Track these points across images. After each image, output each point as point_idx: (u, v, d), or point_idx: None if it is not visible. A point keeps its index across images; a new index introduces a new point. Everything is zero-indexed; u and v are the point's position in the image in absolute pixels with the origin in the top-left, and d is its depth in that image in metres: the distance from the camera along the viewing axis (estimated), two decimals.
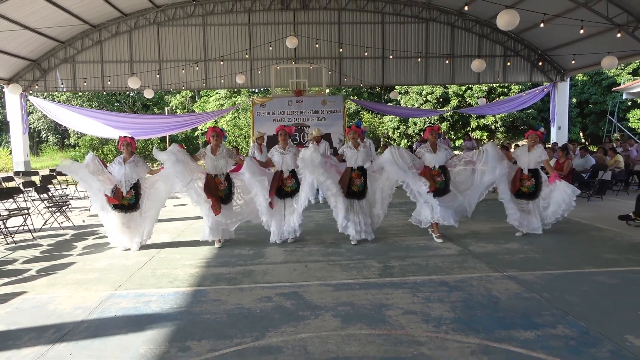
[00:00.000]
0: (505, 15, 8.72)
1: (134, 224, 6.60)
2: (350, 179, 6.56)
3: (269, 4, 16.98)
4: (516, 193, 6.81)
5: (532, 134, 6.86)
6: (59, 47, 16.67)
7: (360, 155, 6.57)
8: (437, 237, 6.66)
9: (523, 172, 6.82)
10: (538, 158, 6.73)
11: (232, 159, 6.82)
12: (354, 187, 6.56)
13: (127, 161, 6.58)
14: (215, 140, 6.66)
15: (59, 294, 4.74)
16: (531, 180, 6.75)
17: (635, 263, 5.43)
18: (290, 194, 6.76)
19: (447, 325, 3.73)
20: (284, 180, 6.71)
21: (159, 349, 3.44)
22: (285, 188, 6.72)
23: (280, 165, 6.74)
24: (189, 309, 4.26)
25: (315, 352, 3.34)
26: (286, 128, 6.86)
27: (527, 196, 6.78)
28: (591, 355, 3.21)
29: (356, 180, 6.57)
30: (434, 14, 17.46)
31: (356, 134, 6.65)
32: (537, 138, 6.82)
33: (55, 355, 3.40)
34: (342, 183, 6.58)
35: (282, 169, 6.74)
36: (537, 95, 18.85)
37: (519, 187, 6.80)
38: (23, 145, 16.66)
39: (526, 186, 6.77)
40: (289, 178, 6.71)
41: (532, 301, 4.24)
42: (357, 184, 6.56)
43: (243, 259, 6.00)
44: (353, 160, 6.59)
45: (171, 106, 33.41)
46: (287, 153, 6.75)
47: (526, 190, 6.77)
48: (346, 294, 4.54)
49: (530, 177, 6.77)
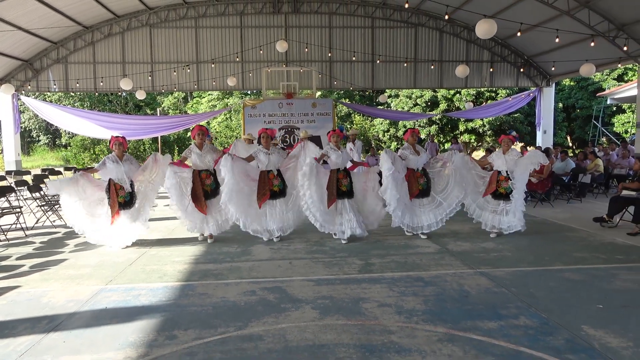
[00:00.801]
0: (483, 25, 9.09)
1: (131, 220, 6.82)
2: (338, 179, 6.88)
3: (261, 7, 17.23)
4: (493, 194, 7.11)
5: (505, 139, 7.24)
6: (51, 48, 16.79)
7: (344, 156, 6.97)
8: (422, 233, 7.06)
9: (500, 174, 7.13)
10: (513, 160, 7.04)
11: (215, 153, 7.14)
12: (342, 187, 6.89)
13: (122, 159, 6.81)
14: (199, 138, 7.01)
15: (52, 288, 4.95)
16: (508, 182, 7.05)
17: (602, 261, 5.74)
18: (278, 194, 7.01)
19: (418, 317, 4.00)
20: (272, 180, 6.97)
21: (147, 338, 3.67)
22: (273, 187, 6.98)
23: (265, 165, 7.00)
24: (176, 301, 4.49)
25: (294, 340, 3.59)
26: (268, 131, 7.16)
27: (503, 197, 7.08)
28: (547, 343, 3.48)
29: (343, 180, 6.91)
30: (423, 19, 17.79)
31: (338, 137, 6.98)
32: (510, 142, 7.18)
33: (50, 343, 3.62)
34: (330, 186, 6.87)
35: (268, 168, 7.00)
36: (523, 99, 19.23)
37: (496, 188, 7.10)
38: (14, 145, 16.75)
39: (503, 187, 7.07)
40: (275, 177, 6.98)
41: (500, 295, 4.52)
42: (344, 183, 6.90)
43: (230, 256, 6.23)
44: (339, 161, 6.92)
45: (163, 107, 33.51)
46: (272, 153, 7.04)
47: (503, 191, 7.07)
48: (326, 288, 4.80)
49: (507, 179, 7.07)
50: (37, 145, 37.72)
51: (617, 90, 20.79)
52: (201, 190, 6.89)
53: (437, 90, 24.37)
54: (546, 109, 18.94)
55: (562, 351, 3.34)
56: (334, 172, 6.93)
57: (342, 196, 6.91)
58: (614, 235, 7.17)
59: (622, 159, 12.94)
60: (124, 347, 3.51)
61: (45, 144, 37.72)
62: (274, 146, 7.36)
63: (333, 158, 6.92)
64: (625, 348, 3.38)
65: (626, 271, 5.27)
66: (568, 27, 13.39)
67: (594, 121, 24.63)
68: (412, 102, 25.66)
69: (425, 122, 25.76)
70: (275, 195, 7.00)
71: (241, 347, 3.48)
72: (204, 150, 7.00)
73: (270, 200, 6.98)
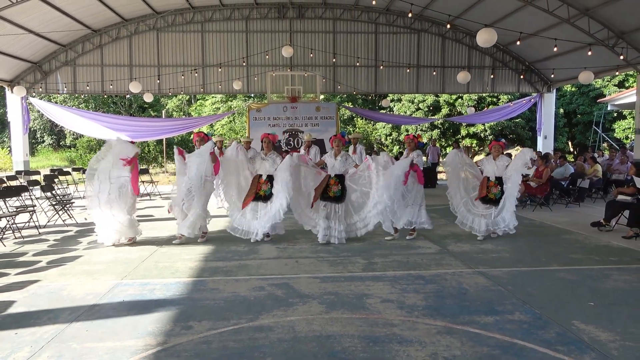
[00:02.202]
0: (483, 34, 9.36)
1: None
2: (327, 185, 7.12)
3: (266, 12, 17.52)
4: (483, 199, 7.34)
5: (496, 145, 7.50)
6: (60, 50, 17.09)
7: (337, 164, 7.17)
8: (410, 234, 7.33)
9: (490, 179, 7.36)
10: (503, 166, 7.28)
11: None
12: (330, 193, 7.11)
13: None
14: (200, 145, 7.32)
15: (70, 282, 5.20)
16: (497, 187, 7.29)
17: (596, 262, 5.98)
18: (263, 198, 7.25)
19: (418, 311, 4.24)
20: (260, 185, 7.25)
21: (165, 327, 3.92)
22: (260, 192, 7.26)
23: (257, 170, 7.37)
24: (190, 295, 4.74)
25: (302, 331, 3.83)
26: (270, 136, 7.42)
27: (493, 202, 7.31)
28: (539, 336, 3.72)
29: (333, 186, 7.12)
30: (426, 25, 18.05)
31: (340, 142, 7.21)
32: (500, 148, 7.44)
33: (74, 331, 3.87)
34: (319, 187, 7.13)
35: (260, 173, 7.32)
36: (524, 105, 19.48)
37: (486, 194, 7.34)
38: (23, 145, 17.03)
39: (493, 193, 7.31)
40: (265, 182, 7.26)
41: (497, 293, 4.76)
42: (334, 190, 7.10)
43: (238, 254, 6.48)
44: (330, 167, 7.21)
45: (168, 109, 33.81)
46: (267, 159, 7.32)
47: (492, 197, 7.31)
48: (332, 285, 5.04)
49: (496, 185, 7.31)
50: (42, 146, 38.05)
51: (618, 96, 21.00)
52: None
53: (439, 95, 24.62)
54: (547, 115, 19.16)
55: (553, 343, 3.57)
56: (327, 177, 7.19)
57: (327, 200, 7.11)
58: (610, 238, 7.40)
59: (621, 164, 13.16)
60: (143, 336, 3.75)
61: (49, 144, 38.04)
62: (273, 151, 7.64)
63: (328, 164, 7.22)
64: (613, 341, 3.62)
65: (618, 272, 5.51)
66: (568, 35, 13.65)
67: (595, 127, 24.84)
68: (414, 106, 25.92)
69: (427, 127, 26.00)
70: (260, 199, 7.26)
71: (253, 337, 3.72)
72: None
73: (254, 202, 7.27)
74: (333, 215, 7.12)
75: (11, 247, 7.05)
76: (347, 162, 7.26)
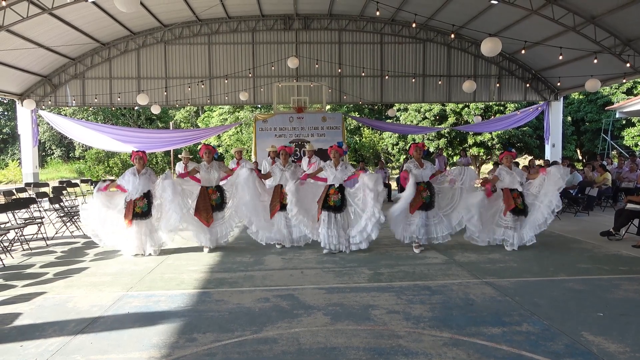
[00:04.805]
0: (488, 43, 9.36)
1: (148, 230, 7.14)
2: (328, 194, 7.13)
3: (272, 24, 17.67)
4: (513, 210, 7.16)
5: (507, 155, 7.39)
6: (69, 64, 17.33)
7: (338, 174, 7.18)
8: (416, 247, 7.20)
9: (514, 191, 7.24)
10: (520, 174, 7.22)
11: (223, 171, 7.66)
12: (330, 202, 7.12)
13: (140, 173, 7.16)
14: (207, 157, 7.50)
15: (76, 294, 5.21)
16: (520, 198, 7.19)
17: (605, 272, 5.90)
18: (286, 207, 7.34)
19: (424, 323, 4.19)
20: (283, 194, 7.30)
21: (169, 340, 3.90)
22: (284, 201, 7.33)
23: (279, 180, 7.46)
24: (194, 307, 4.73)
25: (306, 343, 3.80)
26: (287, 148, 7.54)
27: (522, 212, 7.16)
28: (548, 347, 3.66)
29: (333, 195, 7.12)
30: (431, 35, 18.10)
31: (337, 153, 7.23)
32: (512, 158, 7.35)
33: (78, 344, 3.87)
34: (320, 200, 7.16)
35: (281, 183, 7.39)
36: (531, 113, 19.39)
37: (515, 205, 7.14)
38: (32, 158, 17.22)
39: (520, 203, 7.18)
40: (282, 193, 7.42)
41: (504, 303, 4.70)
42: (334, 199, 7.10)
43: (244, 265, 6.47)
44: (331, 178, 7.20)
45: (175, 120, 34.07)
46: (286, 170, 7.44)
47: (521, 207, 7.16)
48: (337, 296, 5.01)
49: (519, 195, 7.21)
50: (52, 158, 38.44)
51: (626, 103, 20.85)
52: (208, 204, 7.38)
53: (445, 104, 24.60)
54: (554, 123, 19.06)
55: (562, 355, 3.52)
56: (327, 187, 7.21)
57: (329, 209, 7.10)
58: (619, 247, 7.31)
59: (630, 172, 13.02)
60: (147, 348, 3.74)
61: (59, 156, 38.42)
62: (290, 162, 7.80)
63: (329, 174, 7.23)
64: (622, 353, 3.55)
65: (628, 282, 5.42)
66: (574, 43, 13.63)
67: (604, 135, 24.65)
68: (420, 115, 25.89)
69: (434, 136, 25.95)
70: (284, 208, 7.39)
71: (257, 349, 3.69)
72: (210, 168, 7.49)
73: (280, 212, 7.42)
74: (334, 224, 7.12)
75: (19, 259, 7.09)
76: (347, 171, 7.30)
